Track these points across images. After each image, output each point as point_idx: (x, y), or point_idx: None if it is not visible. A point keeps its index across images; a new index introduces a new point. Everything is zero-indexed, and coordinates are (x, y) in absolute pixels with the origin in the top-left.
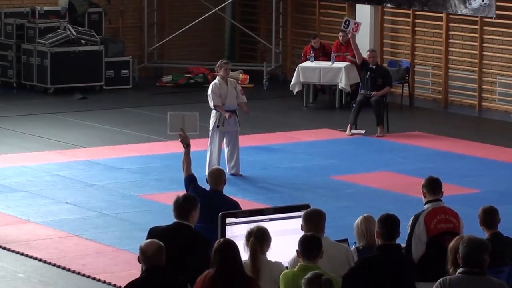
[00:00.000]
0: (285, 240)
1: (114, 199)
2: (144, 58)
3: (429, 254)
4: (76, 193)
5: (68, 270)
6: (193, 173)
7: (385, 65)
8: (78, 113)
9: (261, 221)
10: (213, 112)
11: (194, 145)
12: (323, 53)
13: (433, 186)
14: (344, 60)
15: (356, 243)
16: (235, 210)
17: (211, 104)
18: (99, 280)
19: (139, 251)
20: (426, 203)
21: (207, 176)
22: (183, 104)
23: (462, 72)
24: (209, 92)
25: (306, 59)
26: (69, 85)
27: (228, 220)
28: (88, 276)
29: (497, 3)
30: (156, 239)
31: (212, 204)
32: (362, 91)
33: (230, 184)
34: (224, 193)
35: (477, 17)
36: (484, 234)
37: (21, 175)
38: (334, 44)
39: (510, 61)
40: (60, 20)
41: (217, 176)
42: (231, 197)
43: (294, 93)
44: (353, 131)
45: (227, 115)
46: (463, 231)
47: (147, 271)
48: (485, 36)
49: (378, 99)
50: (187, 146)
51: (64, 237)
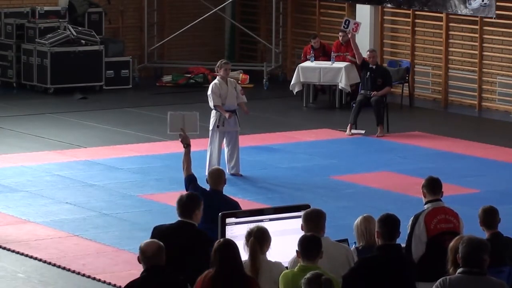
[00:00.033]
0: (285, 240)
1: (114, 199)
2: (144, 58)
3: (429, 254)
4: (76, 193)
5: (68, 270)
6: (193, 173)
7: (385, 65)
8: (78, 113)
9: (261, 221)
10: (213, 112)
11: (194, 145)
12: (323, 53)
13: (433, 186)
14: (344, 60)
15: (356, 243)
16: (235, 210)
17: (211, 104)
18: (99, 280)
19: (139, 251)
20: (426, 203)
21: (207, 176)
22: (183, 104)
23: (462, 72)
24: (209, 92)
25: (306, 59)
26: (69, 85)
27: (228, 220)
28: (88, 276)
29: (497, 3)
30: (161, 237)
31: (212, 204)
32: (362, 91)
33: (230, 184)
34: (224, 193)
35: (477, 17)
36: (484, 234)
37: (21, 175)
38: (334, 44)
39: (510, 61)
40: (60, 20)
41: (217, 176)
42: (231, 197)
43: (294, 93)
44: (353, 131)
45: (227, 115)
46: (463, 231)
47: (147, 271)
48: (485, 36)
49: (378, 99)
50: (187, 146)
51: (64, 237)
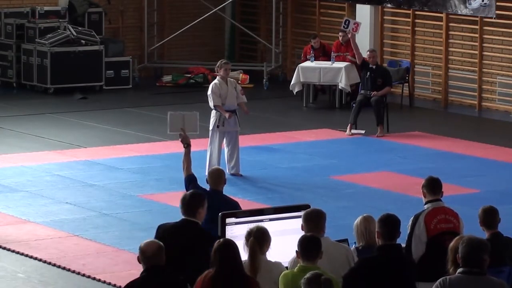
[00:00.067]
0: (285, 240)
1: (114, 199)
2: (144, 58)
3: (429, 254)
4: (76, 193)
5: (68, 270)
6: (193, 173)
7: (385, 65)
8: (78, 113)
9: (261, 221)
10: (213, 112)
11: (194, 145)
12: (323, 53)
13: (433, 186)
14: (344, 60)
15: (356, 243)
16: (235, 210)
17: (211, 104)
18: (99, 280)
19: (139, 251)
20: (426, 203)
21: (207, 176)
22: (183, 104)
23: (462, 72)
24: (209, 92)
25: (306, 59)
26: (69, 85)
27: (228, 220)
28: (88, 276)
29: (497, 3)
30: (165, 236)
31: (212, 204)
32: (362, 91)
33: (230, 184)
34: (224, 193)
35: (477, 17)
36: (484, 234)
37: (21, 175)
38: (334, 44)
39: (510, 61)
40: (60, 20)
41: (217, 176)
42: (231, 197)
43: (294, 93)
44: (353, 131)
45: (227, 115)
46: (463, 231)
47: (147, 271)
48: (485, 36)
49: (378, 99)
50: (188, 146)
51: (64, 237)
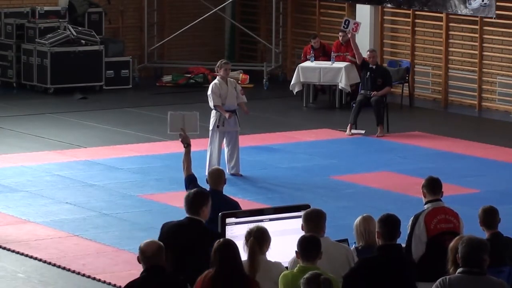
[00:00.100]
0: (285, 240)
1: (114, 199)
2: (144, 58)
3: (429, 254)
4: (76, 193)
5: (68, 270)
6: (193, 173)
7: (385, 65)
8: (78, 113)
9: (261, 221)
10: (213, 112)
11: (194, 145)
12: (323, 53)
13: (433, 186)
14: (344, 60)
15: (356, 243)
16: (235, 210)
17: (211, 104)
18: (99, 280)
19: (139, 251)
20: (426, 203)
21: (207, 176)
22: (183, 104)
23: (462, 72)
24: (209, 92)
25: (306, 59)
26: (69, 85)
27: (228, 220)
28: (88, 276)
29: (497, 3)
30: (168, 234)
31: (212, 204)
32: (362, 91)
33: (230, 184)
34: (224, 193)
35: (477, 17)
36: (484, 234)
37: (21, 175)
38: (334, 44)
39: (510, 61)
40: (60, 20)
41: (217, 176)
42: (231, 197)
43: (294, 93)
44: (353, 131)
45: (227, 115)
46: (463, 231)
47: (147, 271)
48: (485, 36)
49: (378, 99)
50: (188, 146)
51: (64, 237)
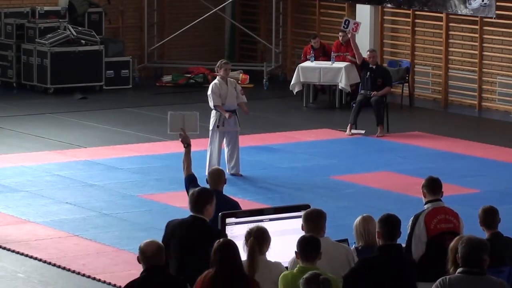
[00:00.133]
0: (285, 240)
1: (114, 199)
2: (144, 58)
3: (429, 254)
4: (76, 193)
5: (68, 270)
6: (193, 173)
7: (385, 65)
8: (78, 113)
9: (261, 221)
10: (213, 112)
11: (194, 145)
12: (323, 53)
13: (433, 186)
14: (344, 60)
15: (356, 243)
16: (235, 210)
17: (211, 104)
18: (99, 280)
19: (139, 251)
20: (426, 203)
21: (207, 176)
22: (183, 104)
23: (462, 72)
24: (209, 92)
25: (306, 59)
26: (69, 85)
27: (228, 220)
28: (88, 276)
29: (497, 3)
30: (173, 232)
31: None
32: (362, 91)
33: (230, 184)
34: (224, 193)
35: (477, 17)
36: (484, 234)
37: (21, 175)
38: (334, 44)
39: (510, 61)
40: (60, 20)
41: (217, 176)
42: (231, 197)
43: (294, 93)
44: (353, 131)
45: (227, 115)
46: (463, 231)
47: (147, 271)
48: (485, 36)
49: (378, 99)
50: (188, 146)
51: (64, 237)
